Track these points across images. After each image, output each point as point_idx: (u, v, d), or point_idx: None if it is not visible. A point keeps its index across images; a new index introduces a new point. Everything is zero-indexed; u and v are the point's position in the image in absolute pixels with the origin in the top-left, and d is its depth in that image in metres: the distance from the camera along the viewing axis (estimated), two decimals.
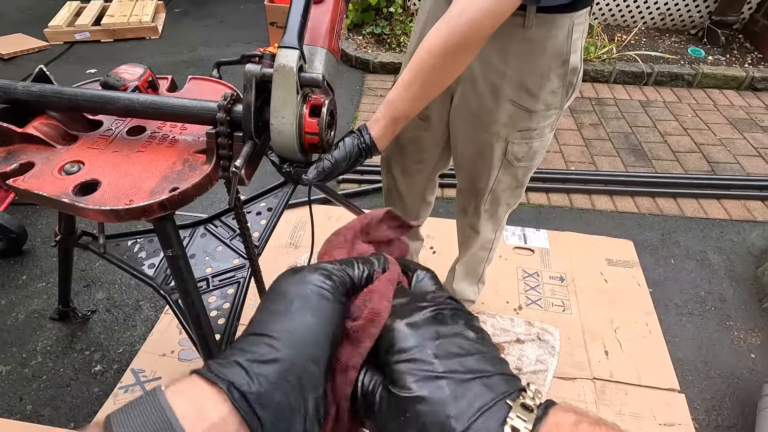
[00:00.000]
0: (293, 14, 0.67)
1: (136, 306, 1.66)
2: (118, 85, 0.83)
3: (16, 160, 0.74)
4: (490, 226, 1.22)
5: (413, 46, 1.00)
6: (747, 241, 1.98)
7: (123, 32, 3.37)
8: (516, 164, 1.00)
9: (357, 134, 0.76)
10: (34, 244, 1.86)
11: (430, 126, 1.06)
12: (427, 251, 1.83)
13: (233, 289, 1.08)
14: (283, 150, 0.69)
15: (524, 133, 0.94)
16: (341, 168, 0.74)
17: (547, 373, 1.46)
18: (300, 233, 1.91)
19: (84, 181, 0.72)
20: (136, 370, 1.44)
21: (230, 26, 3.65)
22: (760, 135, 2.61)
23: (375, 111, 0.78)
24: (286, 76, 0.64)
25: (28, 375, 1.46)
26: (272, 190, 1.29)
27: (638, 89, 3.00)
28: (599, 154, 2.45)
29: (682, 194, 2.19)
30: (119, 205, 0.68)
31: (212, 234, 1.23)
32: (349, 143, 0.74)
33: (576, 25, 0.82)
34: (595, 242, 1.93)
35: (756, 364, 1.55)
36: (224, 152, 0.73)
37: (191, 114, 0.75)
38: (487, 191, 1.07)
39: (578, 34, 0.84)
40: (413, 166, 1.19)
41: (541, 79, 0.86)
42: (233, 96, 0.74)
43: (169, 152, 0.78)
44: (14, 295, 1.68)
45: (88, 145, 0.79)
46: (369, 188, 2.15)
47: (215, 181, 0.77)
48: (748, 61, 3.19)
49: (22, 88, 0.76)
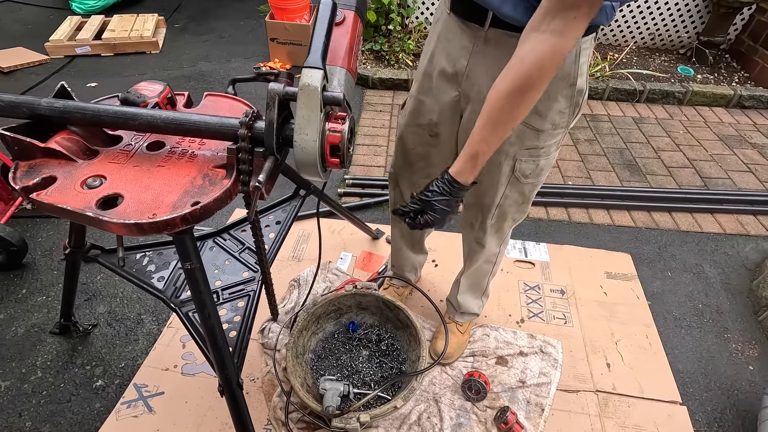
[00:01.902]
0: (317, 36, 0.69)
1: (137, 319, 1.65)
2: (139, 101, 0.85)
3: (38, 174, 0.75)
4: (495, 241, 1.24)
5: (423, 66, 1.03)
6: (741, 254, 2.03)
7: (123, 47, 3.39)
8: (523, 181, 1.03)
9: (439, 175, 0.87)
10: (35, 257, 1.85)
11: (439, 142, 1.09)
12: (429, 264, 1.85)
13: (243, 303, 1.08)
14: (304, 166, 0.71)
15: (532, 151, 0.97)
16: (437, 207, 0.86)
17: (550, 385, 1.47)
18: (303, 246, 1.92)
19: (106, 195, 0.73)
20: (139, 384, 1.43)
21: (230, 42, 3.69)
22: (749, 151, 2.69)
23: (375, 125, 0.82)
24: (310, 95, 0.66)
25: (27, 390, 1.43)
26: (281, 204, 1.31)
27: (631, 106, 3.08)
28: (595, 169, 2.50)
29: (677, 208, 2.24)
30: (143, 219, 0.69)
31: (221, 247, 1.24)
32: (434, 185, 0.86)
33: (583, 50, 0.86)
34: (593, 255, 1.96)
35: (754, 376, 1.58)
36: (245, 167, 0.75)
37: (213, 130, 0.77)
38: (494, 207, 1.09)
39: (585, 58, 0.87)
40: (421, 180, 1.21)
41: (549, 101, 0.89)
42: (254, 113, 0.76)
43: (188, 167, 0.80)
44: (13, 309, 1.66)
45: (108, 159, 0.80)
46: (371, 201, 2.17)
47: (235, 196, 0.78)
48: (735, 79, 3.30)
49: (46, 104, 0.77)
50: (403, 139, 1.17)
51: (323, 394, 1.24)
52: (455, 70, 0.95)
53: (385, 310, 1.49)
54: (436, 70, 0.99)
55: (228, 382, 0.93)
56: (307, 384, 1.32)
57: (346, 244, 1.95)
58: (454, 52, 0.93)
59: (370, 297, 1.47)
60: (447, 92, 0.99)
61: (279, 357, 1.47)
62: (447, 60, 0.95)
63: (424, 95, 1.05)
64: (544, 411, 1.41)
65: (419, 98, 1.06)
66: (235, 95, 0.98)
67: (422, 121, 1.08)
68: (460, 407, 1.40)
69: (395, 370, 1.41)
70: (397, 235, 1.50)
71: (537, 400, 1.43)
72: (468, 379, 1.43)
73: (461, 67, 0.93)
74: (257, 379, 1.46)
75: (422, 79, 1.04)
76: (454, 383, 1.47)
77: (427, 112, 1.06)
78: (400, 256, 1.58)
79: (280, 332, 1.53)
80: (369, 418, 1.17)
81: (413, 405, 1.40)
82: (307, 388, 1.29)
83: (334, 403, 1.20)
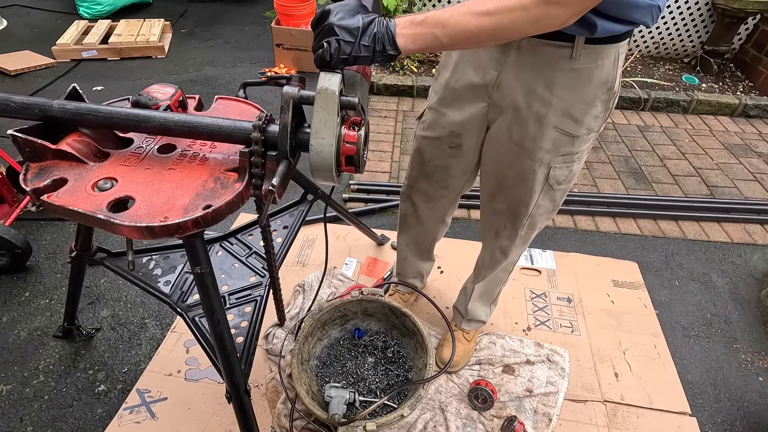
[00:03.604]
0: None
1: (141, 324, 1.64)
2: (150, 104, 0.84)
3: (49, 176, 0.75)
4: (520, 250, 1.22)
5: (445, 78, 1.00)
6: (749, 264, 2.01)
7: (130, 51, 3.41)
8: (556, 188, 1.01)
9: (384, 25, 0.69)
10: (38, 259, 1.84)
11: (460, 153, 1.07)
12: (434, 270, 1.84)
13: (251, 308, 1.07)
14: (320, 170, 0.70)
15: (566, 158, 0.95)
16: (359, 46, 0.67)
17: (558, 395, 1.45)
18: (308, 251, 1.91)
19: (118, 198, 0.72)
20: (142, 390, 1.41)
21: (235, 47, 3.71)
22: (755, 160, 2.68)
23: (380, 131, 0.78)
24: (328, 98, 0.66)
25: (29, 395, 1.42)
26: (288, 209, 1.30)
27: (636, 114, 3.08)
28: (601, 177, 2.49)
29: (683, 217, 2.22)
30: (154, 222, 0.68)
31: (228, 251, 1.23)
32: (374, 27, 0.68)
33: (621, 54, 0.84)
34: (600, 263, 1.94)
35: (764, 387, 1.56)
36: (257, 171, 0.74)
37: (225, 133, 0.77)
38: (526, 216, 1.06)
39: (621, 61, 0.86)
40: (438, 192, 1.20)
41: (587, 106, 0.87)
42: (267, 116, 0.76)
43: (200, 170, 0.79)
44: (16, 312, 1.65)
45: (119, 162, 0.79)
46: (376, 207, 2.17)
47: (246, 199, 0.78)
48: (740, 89, 3.30)
49: (58, 106, 0.77)
50: (420, 150, 1.14)
51: (328, 402, 1.23)
52: (485, 81, 0.92)
53: (392, 316, 1.48)
54: (461, 81, 0.96)
55: (236, 389, 0.91)
56: (312, 391, 1.31)
57: (351, 249, 1.94)
58: (483, 63, 0.90)
59: (376, 303, 1.46)
60: (474, 104, 0.96)
61: (284, 363, 1.45)
62: (475, 71, 0.93)
63: (446, 107, 1.02)
64: (552, 421, 1.39)
65: (440, 110, 1.04)
66: (246, 98, 0.98)
67: (442, 133, 1.05)
68: (466, 416, 1.38)
69: (401, 378, 1.39)
70: (403, 242, 1.48)
71: (544, 409, 1.41)
72: (475, 387, 1.41)
73: (491, 78, 0.90)
74: (261, 386, 1.44)
75: (443, 91, 1.01)
76: (460, 392, 1.45)
77: (448, 124, 1.03)
78: (406, 264, 1.57)
79: (285, 338, 1.51)
80: (375, 426, 1.15)
81: (419, 413, 1.38)
82: (312, 396, 1.27)
83: (340, 411, 1.18)
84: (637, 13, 0.76)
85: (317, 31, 0.69)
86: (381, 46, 0.68)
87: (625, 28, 0.79)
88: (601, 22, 0.75)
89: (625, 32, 0.80)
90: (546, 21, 0.66)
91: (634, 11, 0.75)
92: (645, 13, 0.76)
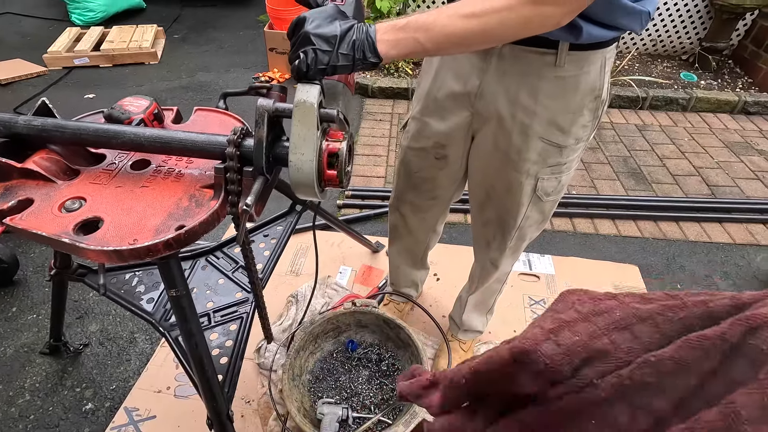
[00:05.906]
0: None
1: (130, 339, 1.60)
2: (123, 118, 0.80)
3: (14, 196, 0.71)
4: (511, 261, 1.19)
5: (426, 86, 0.97)
6: (752, 265, 1.97)
7: (122, 58, 3.37)
8: (545, 199, 0.97)
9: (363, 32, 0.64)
10: (26, 273, 1.80)
11: (446, 164, 1.03)
12: (430, 278, 1.80)
13: (236, 326, 1.03)
14: (300, 186, 0.67)
15: (554, 168, 0.91)
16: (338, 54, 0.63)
17: None
18: (301, 260, 1.87)
19: (85, 219, 0.68)
20: (130, 408, 1.38)
21: (229, 52, 3.68)
22: (756, 158, 2.64)
23: (375, 135, 0.75)
24: (306, 112, 0.62)
25: (14, 414, 1.38)
26: (276, 219, 1.26)
27: (634, 113, 3.04)
28: (599, 178, 2.45)
29: (684, 218, 2.18)
30: (122, 246, 0.64)
31: (213, 266, 1.19)
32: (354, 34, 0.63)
33: (608, 60, 0.81)
34: (600, 267, 1.90)
35: None
36: (233, 187, 0.70)
37: (199, 149, 0.73)
38: (515, 228, 1.03)
39: (609, 67, 0.83)
40: (427, 202, 1.16)
41: (573, 115, 0.84)
42: (243, 130, 0.72)
43: (174, 187, 0.75)
44: (2, 328, 1.61)
45: (90, 180, 0.76)
46: (371, 213, 2.13)
47: (223, 218, 0.74)
48: (739, 85, 3.26)
49: (23, 122, 0.73)
50: (405, 162, 1.10)
51: (321, 419, 1.19)
52: (466, 90, 0.88)
53: (386, 328, 1.44)
54: (442, 90, 0.92)
55: (217, 415, 0.87)
56: (305, 408, 1.27)
57: (346, 257, 1.90)
58: (464, 71, 0.87)
59: (370, 315, 1.42)
60: (457, 113, 0.92)
61: (275, 378, 1.41)
62: (455, 79, 0.89)
63: (429, 116, 0.98)
64: None
65: (423, 119, 1.00)
66: (227, 109, 0.94)
67: (427, 144, 1.01)
68: None
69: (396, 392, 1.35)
70: (395, 252, 1.44)
71: None
72: None
73: (473, 87, 0.87)
74: (253, 401, 1.41)
75: (425, 100, 0.97)
76: None
77: (432, 134, 0.99)
78: (400, 274, 1.52)
79: (276, 352, 1.47)
80: None
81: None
82: (304, 412, 1.23)
83: (333, 429, 1.14)
84: (625, 18, 0.72)
85: (293, 40, 0.66)
86: (361, 54, 0.65)
87: (611, 35, 0.75)
88: (587, 27, 0.71)
89: (611, 38, 0.76)
90: (539, 21, 0.63)
91: (624, 16, 0.71)
92: (634, 19, 0.72)
